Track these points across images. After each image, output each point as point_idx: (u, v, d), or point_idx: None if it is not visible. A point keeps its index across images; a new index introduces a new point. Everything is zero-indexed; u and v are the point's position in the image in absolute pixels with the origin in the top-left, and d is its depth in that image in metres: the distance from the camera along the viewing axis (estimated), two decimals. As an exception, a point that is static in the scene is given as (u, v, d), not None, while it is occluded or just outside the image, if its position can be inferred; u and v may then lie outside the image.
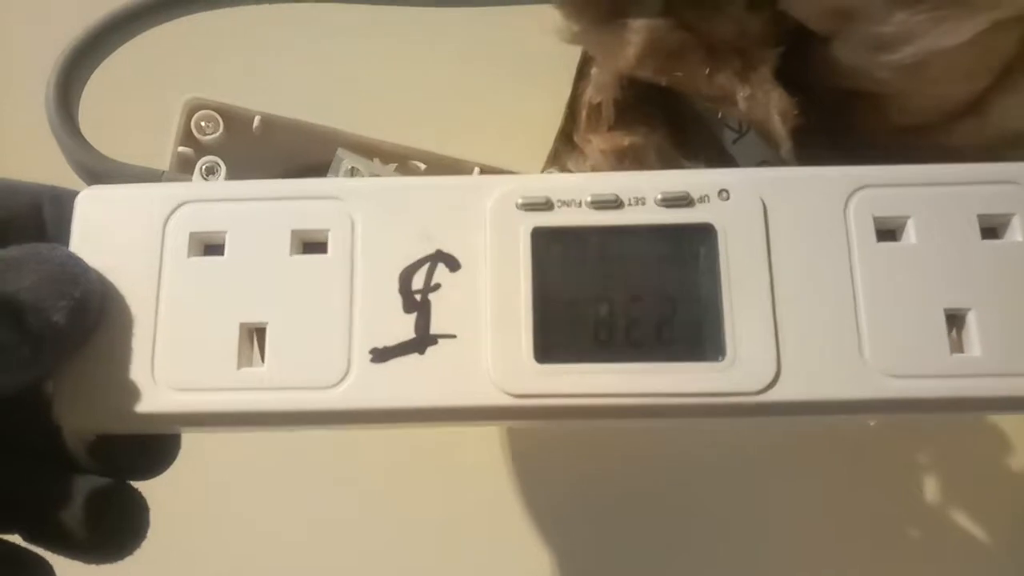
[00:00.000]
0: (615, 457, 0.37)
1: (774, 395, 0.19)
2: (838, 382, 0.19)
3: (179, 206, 0.20)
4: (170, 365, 0.19)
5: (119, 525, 0.20)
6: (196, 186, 0.21)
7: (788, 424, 0.34)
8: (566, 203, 0.19)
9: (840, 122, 0.32)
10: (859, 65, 0.30)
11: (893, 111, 0.31)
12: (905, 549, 0.36)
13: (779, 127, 0.31)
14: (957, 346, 0.19)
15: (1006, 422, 0.37)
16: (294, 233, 0.20)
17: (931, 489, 0.36)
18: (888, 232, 0.19)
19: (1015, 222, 0.19)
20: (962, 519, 0.36)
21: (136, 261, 0.20)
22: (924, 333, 0.19)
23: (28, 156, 0.25)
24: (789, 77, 0.31)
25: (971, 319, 0.19)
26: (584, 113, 0.32)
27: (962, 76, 0.29)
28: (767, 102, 0.31)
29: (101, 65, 0.25)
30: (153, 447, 0.21)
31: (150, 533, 0.20)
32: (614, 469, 0.37)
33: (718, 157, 0.33)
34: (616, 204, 0.19)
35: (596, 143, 0.31)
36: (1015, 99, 0.29)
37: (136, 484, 0.21)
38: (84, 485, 0.20)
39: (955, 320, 0.19)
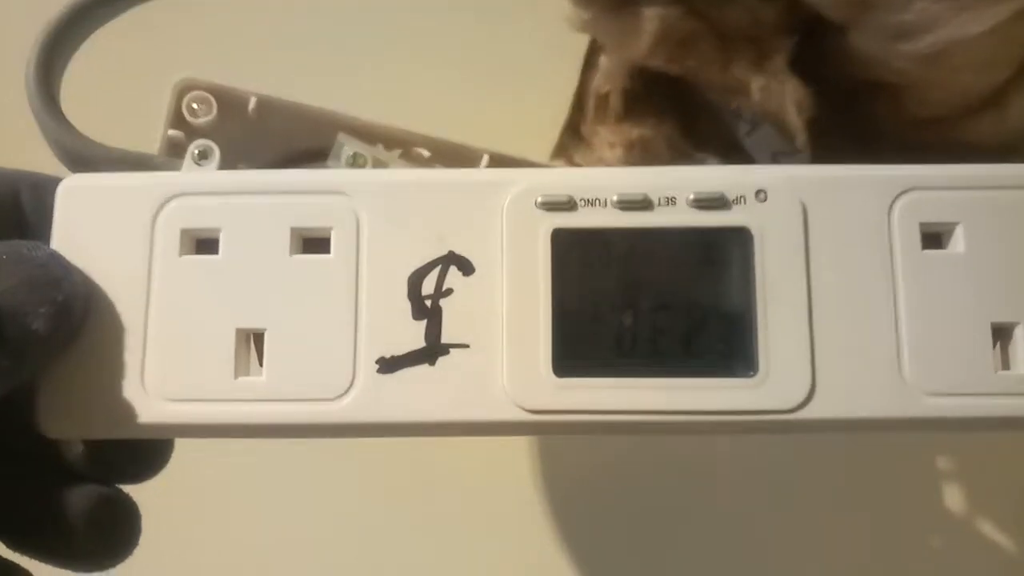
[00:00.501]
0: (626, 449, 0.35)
1: (806, 413, 0.17)
2: (875, 400, 0.17)
3: (169, 199, 0.18)
4: (162, 373, 0.18)
5: (111, 532, 0.19)
6: (187, 177, 0.19)
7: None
8: (590, 202, 0.18)
9: (856, 113, 0.31)
10: (877, 54, 0.29)
11: (911, 103, 0.30)
12: (927, 558, 0.35)
13: (794, 118, 0.29)
14: (1002, 362, 0.17)
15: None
16: (294, 231, 0.18)
17: (952, 496, 0.35)
18: (934, 237, 0.18)
19: None
20: (985, 527, 0.35)
21: (123, 259, 0.18)
22: (968, 348, 0.17)
23: (6, 140, 0.23)
24: (804, 67, 0.30)
25: (1018, 334, 0.17)
26: (592, 104, 0.30)
27: (982, 66, 0.28)
28: (782, 92, 0.30)
29: (86, 42, 0.23)
30: (146, 450, 0.20)
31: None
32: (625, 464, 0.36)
33: (731, 149, 0.32)
34: (645, 204, 0.17)
35: (604, 135, 0.30)
36: (1036, 92, 0.28)
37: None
38: (74, 491, 0.18)
39: (1001, 334, 0.17)
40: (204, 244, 0.18)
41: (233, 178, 0.19)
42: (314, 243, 0.18)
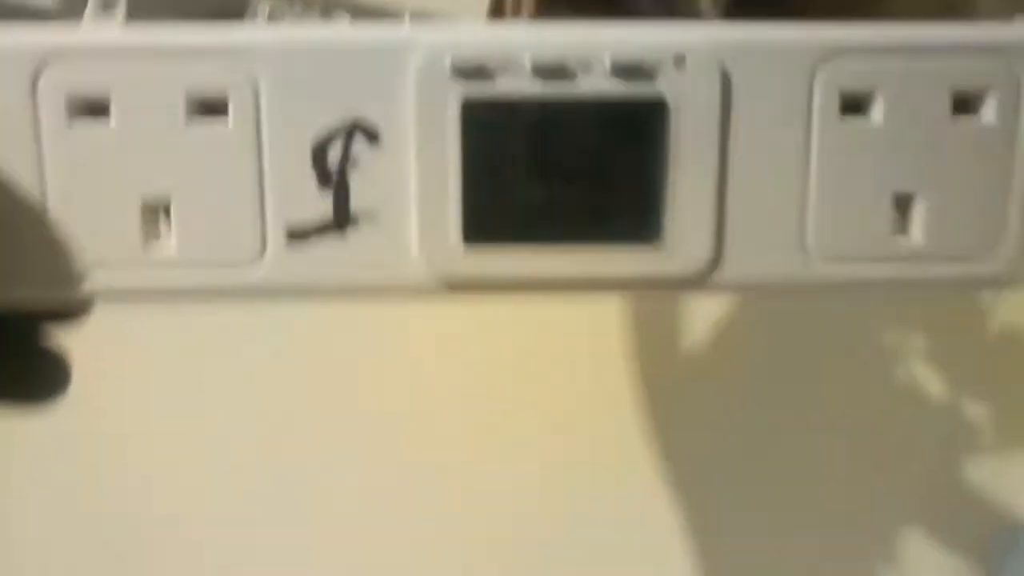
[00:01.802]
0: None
1: (710, 278, 0.17)
2: (777, 266, 0.17)
3: (48, 61, 0.16)
4: (71, 245, 0.17)
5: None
6: (65, 34, 0.17)
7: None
8: (503, 68, 0.16)
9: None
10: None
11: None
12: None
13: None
14: (900, 229, 0.17)
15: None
16: (189, 95, 0.16)
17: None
18: (853, 104, 0.17)
19: (989, 100, 0.17)
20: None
21: (8, 129, 0.16)
22: (869, 216, 0.17)
23: None
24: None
25: (919, 202, 0.17)
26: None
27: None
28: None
29: None
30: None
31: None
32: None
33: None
34: (561, 72, 0.16)
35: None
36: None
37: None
38: None
39: (901, 202, 0.17)
40: (96, 110, 0.17)
41: (119, 35, 0.17)
42: (212, 108, 0.17)
